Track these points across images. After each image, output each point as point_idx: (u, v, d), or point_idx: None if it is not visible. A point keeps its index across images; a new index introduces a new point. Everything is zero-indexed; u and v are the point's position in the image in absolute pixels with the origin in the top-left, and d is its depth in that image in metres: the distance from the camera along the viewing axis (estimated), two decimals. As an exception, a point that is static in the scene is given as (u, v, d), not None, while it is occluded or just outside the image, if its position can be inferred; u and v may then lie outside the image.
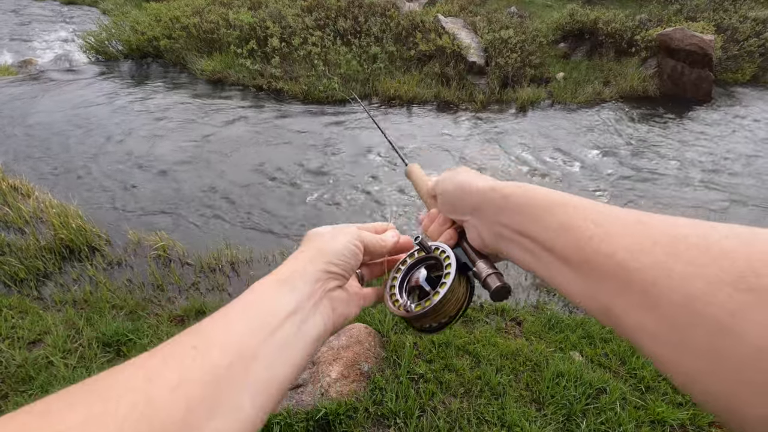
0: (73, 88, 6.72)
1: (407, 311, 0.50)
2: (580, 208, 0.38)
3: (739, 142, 6.06)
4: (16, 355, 2.48)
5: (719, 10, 8.67)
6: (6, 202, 3.82)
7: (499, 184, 0.48)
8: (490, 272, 0.49)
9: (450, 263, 0.51)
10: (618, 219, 0.35)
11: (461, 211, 0.52)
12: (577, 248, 0.36)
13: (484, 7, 9.66)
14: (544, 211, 0.41)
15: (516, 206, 0.44)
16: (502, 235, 0.46)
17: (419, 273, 0.54)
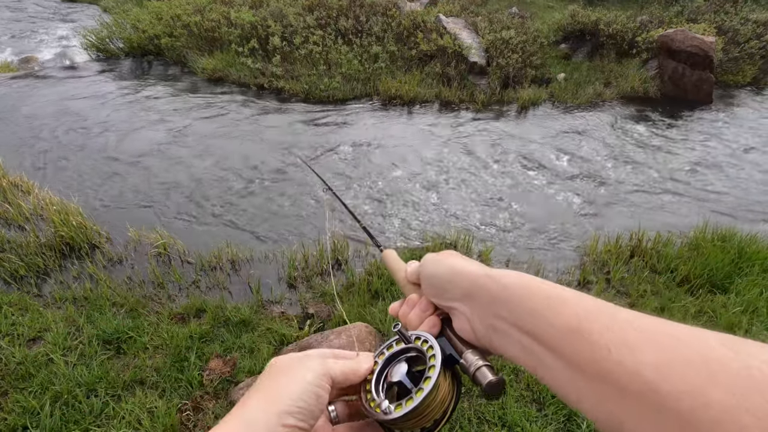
0: (73, 85, 6.71)
1: (385, 413, 0.43)
2: (593, 311, 0.35)
3: (740, 144, 6.06)
4: (16, 353, 2.48)
5: (720, 12, 8.68)
6: (6, 199, 3.81)
7: (496, 271, 0.44)
8: (480, 364, 0.43)
9: (434, 354, 0.45)
10: (638, 328, 0.32)
11: (450, 296, 0.47)
12: (592, 359, 0.32)
13: (486, 7, 9.67)
14: (549, 308, 0.37)
15: (516, 298, 0.40)
16: (496, 328, 0.41)
17: (398, 367, 0.47)
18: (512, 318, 0.39)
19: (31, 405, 2.19)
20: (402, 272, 0.61)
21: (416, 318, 0.52)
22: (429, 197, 4.56)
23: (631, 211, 4.53)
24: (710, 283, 3.32)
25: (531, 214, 4.42)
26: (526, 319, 0.38)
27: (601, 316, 0.34)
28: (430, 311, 0.51)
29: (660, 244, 3.71)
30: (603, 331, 0.33)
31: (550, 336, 0.36)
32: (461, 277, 0.46)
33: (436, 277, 0.50)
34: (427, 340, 0.47)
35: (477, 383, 0.42)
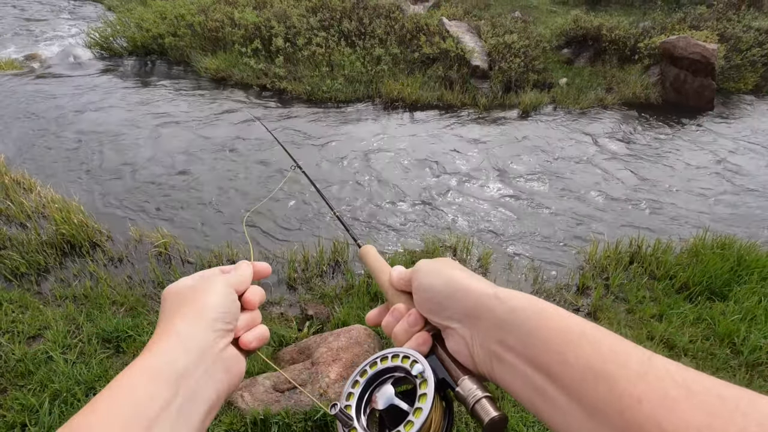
0: (77, 83, 6.73)
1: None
2: (620, 351, 0.31)
3: (741, 152, 6.07)
4: (16, 350, 2.49)
5: (723, 19, 8.69)
6: (8, 196, 3.83)
7: (503, 291, 0.39)
8: (480, 395, 0.38)
9: (426, 380, 0.40)
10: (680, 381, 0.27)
11: (448, 314, 0.43)
12: (619, 409, 0.28)
13: (489, 11, 9.69)
14: (567, 342, 0.33)
15: (527, 326, 0.35)
16: (500, 358, 0.37)
17: (383, 391, 0.42)
18: (521, 348, 0.35)
19: (30, 402, 2.20)
20: (385, 275, 0.56)
21: (403, 332, 0.47)
22: (428, 200, 4.57)
23: (631, 217, 4.54)
24: (709, 290, 3.32)
25: (530, 219, 4.43)
26: (538, 353, 0.34)
27: (632, 360, 0.30)
28: (419, 326, 0.46)
29: (659, 251, 3.72)
30: (634, 378, 0.28)
31: (566, 376, 0.31)
32: (463, 294, 0.41)
33: (433, 291, 0.44)
34: (417, 361, 0.42)
35: (476, 417, 0.38)
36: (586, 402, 0.30)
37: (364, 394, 0.44)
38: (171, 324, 0.42)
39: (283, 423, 2.08)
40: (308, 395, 2.19)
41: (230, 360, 0.45)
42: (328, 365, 2.37)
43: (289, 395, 2.28)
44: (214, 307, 0.45)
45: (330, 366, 2.37)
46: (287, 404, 2.20)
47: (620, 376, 0.29)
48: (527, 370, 0.34)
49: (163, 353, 0.39)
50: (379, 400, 0.42)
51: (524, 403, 0.36)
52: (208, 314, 0.44)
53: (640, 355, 0.30)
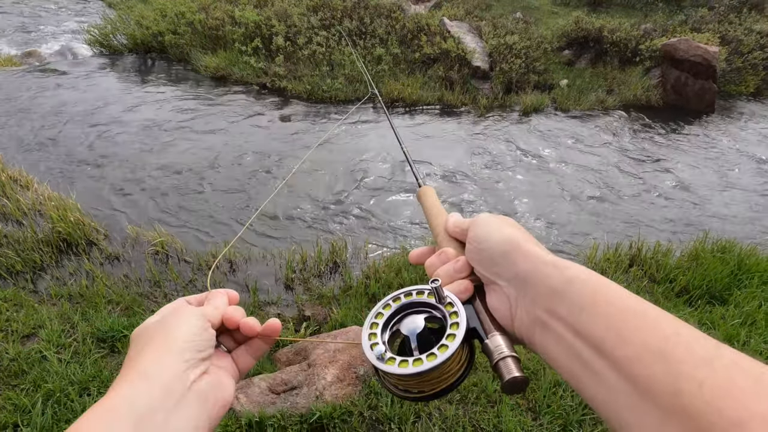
0: (75, 80, 6.70)
1: (378, 358, 0.41)
2: (685, 334, 0.29)
3: (742, 154, 6.05)
4: (10, 349, 2.46)
5: (724, 22, 8.68)
6: (5, 193, 3.80)
7: (561, 261, 0.38)
8: (506, 353, 0.38)
9: (458, 323, 0.41)
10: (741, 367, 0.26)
11: (499, 270, 0.42)
12: (674, 391, 0.26)
13: (490, 11, 9.67)
14: (624, 319, 0.31)
15: (582, 298, 0.34)
16: (545, 325, 0.36)
17: (414, 321, 0.44)
18: (571, 319, 0.34)
19: (23, 403, 2.17)
20: (440, 218, 0.56)
21: (446, 275, 0.47)
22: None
23: (632, 220, 4.52)
24: (709, 294, 3.31)
25: (529, 220, 4.41)
26: (590, 326, 0.33)
27: (697, 345, 0.28)
28: (464, 274, 0.46)
29: (659, 254, 3.70)
30: (698, 363, 0.27)
31: (619, 352, 0.30)
32: (520, 255, 0.40)
33: (489, 244, 0.44)
34: (453, 303, 0.43)
35: (498, 373, 0.38)
36: (638, 381, 0.28)
37: (393, 318, 0.45)
38: (134, 362, 0.41)
39: (279, 425, 2.06)
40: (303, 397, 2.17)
41: (208, 390, 0.42)
42: (324, 367, 2.35)
43: (284, 397, 2.26)
44: (182, 337, 0.43)
45: (327, 368, 2.35)
46: (283, 406, 2.18)
47: (681, 359, 0.27)
48: (575, 342, 0.33)
49: (123, 394, 0.38)
50: (406, 326, 0.43)
51: (563, 373, 0.35)
52: (175, 345, 0.42)
53: (706, 341, 0.29)
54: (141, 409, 0.37)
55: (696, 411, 0.25)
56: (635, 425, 0.28)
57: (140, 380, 0.39)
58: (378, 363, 0.41)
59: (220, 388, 0.44)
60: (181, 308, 0.47)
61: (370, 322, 0.45)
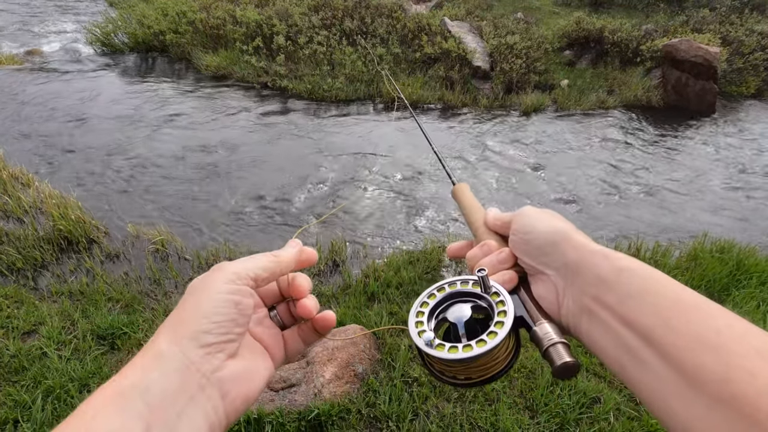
0: (77, 79, 6.72)
1: (427, 344, 0.41)
2: (737, 326, 0.29)
3: (741, 155, 6.05)
4: (10, 345, 2.48)
5: (725, 22, 8.68)
6: (6, 191, 3.82)
7: (611, 251, 0.39)
8: (556, 340, 0.39)
9: (506, 311, 0.41)
10: None
11: (547, 260, 0.42)
12: (724, 379, 0.27)
13: (491, 11, 9.68)
14: (677, 311, 0.31)
15: (632, 288, 0.34)
16: (593, 313, 0.37)
17: (460, 309, 0.44)
18: (619, 308, 0.34)
19: (23, 399, 2.19)
20: (479, 213, 0.57)
21: (490, 266, 0.47)
22: (426, 200, 4.56)
23: (630, 220, 4.53)
24: (708, 294, 3.29)
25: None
26: (639, 315, 0.33)
27: (750, 337, 0.28)
28: (509, 264, 0.47)
29: (658, 254, 3.70)
30: (751, 355, 0.27)
31: (669, 342, 0.30)
32: (569, 245, 0.41)
33: (536, 234, 0.44)
34: (499, 292, 0.44)
35: (548, 359, 0.39)
36: (686, 370, 0.29)
37: (438, 306, 0.46)
38: (155, 340, 0.35)
39: (277, 422, 2.07)
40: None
41: (230, 382, 0.36)
42: (323, 365, 2.36)
43: (283, 394, 2.27)
44: (203, 316, 0.36)
45: (325, 366, 2.36)
46: (281, 403, 2.19)
47: (733, 351, 0.27)
48: (622, 330, 0.34)
49: (136, 377, 0.33)
50: (453, 314, 0.44)
51: (609, 362, 0.35)
52: (191, 326, 0.35)
53: (761, 335, 0.28)
54: (154, 399, 0.32)
55: (749, 402, 0.25)
56: (682, 413, 0.29)
57: (155, 363, 0.34)
58: (427, 349, 0.41)
59: (246, 378, 0.38)
60: (213, 274, 0.40)
61: (416, 311, 0.46)
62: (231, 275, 0.39)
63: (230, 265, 0.40)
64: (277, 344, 0.43)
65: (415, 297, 2.91)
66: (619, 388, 2.43)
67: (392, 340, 2.60)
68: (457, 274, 3.52)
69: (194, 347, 0.35)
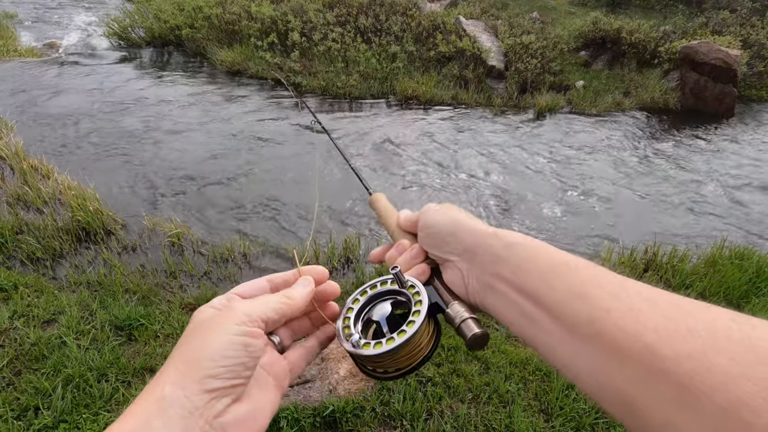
0: (94, 71, 6.80)
1: (353, 346, 0.43)
2: (598, 276, 0.34)
3: (760, 160, 5.94)
4: (31, 334, 2.52)
5: (746, 25, 8.51)
6: (26, 182, 3.88)
7: (501, 231, 0.43)
8: (466, 316, 0.42)
9: (421, 301, 0.45)
10: (647, 297, 0.31)
11: (449, 249, 0.46)
12: (589, 319, 0.31)
13: (506, 11, 9.60)
14: (553, 271, 0.36)
15: (520, 259, 0.39)
16: (493, 288, 0.41)
17: (382, 307, 0.48)
18: (513, 279, 0.39)
19: (44, 386, 2.22)
20: (393, 218, 0.61)
21: (405, 263, 0.51)
22: (438, 192, 4.55)
23: (647, 225, 4.47)
24: (726, 301, 3.26)
25: (543, 222, 4.38)
26: (527, 281, 0.37)
27: (607, 282, 0.33)
28: (420, 258, 0.51)
29: (675, 259, 3.65)
30: (606, 297, 0.32)
31: (551, 299, 0.35)
32: (465, 232, 0.45)
33: (437, 227, 0.48)
34: (414, 285, 0.47)
35: (461, 334, 0.42)
36: (565, 320, 0.33)
37: (363, 309, 0.49)
38: (158, 379, 0.34)
39: (292, 418, 2.08)
40: (318, 391, 2.19)
41: (234, 425, 0.35)
42: (338, 361, 2.37)
43: (298, 390, 2.28)
44: (210, 359, 0.35)
45: (339, 362, 2.37)
46: (296, 399, 2.20)
47: (595, 295, 0.32)
48: (517, 298, 0.38)
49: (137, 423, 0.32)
50: (377, 313, 0.48)
51: (513, 327, 0.39)
52: (198, 370, 0.34)
53: (614, 278, 0.34)
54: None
55: (605, 330, 0.30)
56: (566, 356, 0.33)
57: (158, 410, 0.33)
58: (353, 349, 0.43)
59: (251, 419, 0.37)
60: (222, 313, 0.39)
61: (342, 317, 0.48)
62: (242, 316, 0.39)
63: (241, 305, 0.41)
64: (283, 371, 0.43)
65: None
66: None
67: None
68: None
69: (199, 392, 0.34)
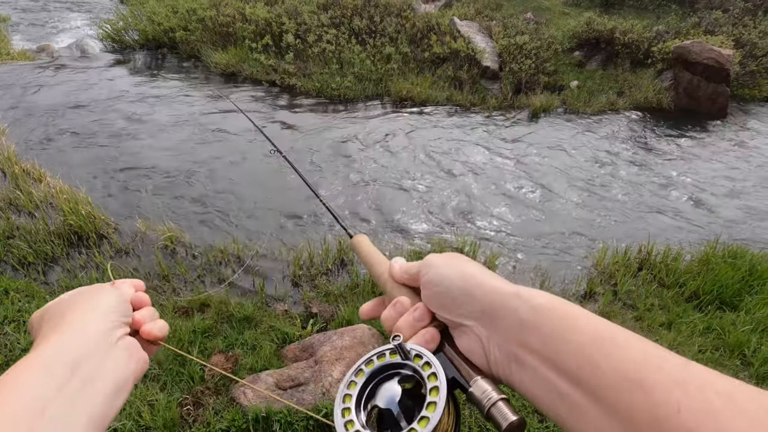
0: (88, 75, 6.77)
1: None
2: (653, 355, 0.29)
3: (753, 159, 5.98)
4: (21, 339, 2.50)
5: (739, 24, 8.57)
6: (18, 186, 3.85)
7: (525, 290, 0.37)
8: (495, 398, 0.35)
9: (435, 374, 0.37)
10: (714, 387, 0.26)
11: (463, 312, 0.39)
12: (654, 418, 0.26)
13: (500, 11, 9.62)
14: (596, 346, 0.31)
15: (552, 327, 0.33)
16: (521, 361, 0.34)
17: (389, 389, 0.39)
18: (544, 351, 0.33)
19: (34, 392, 2.20)
20: (382, 266, 0.53)
21: (408, 327, 0.43)
22: (433, 201, 4.55)
23: (640, 224, 4.48)
24: (719, 299, 3.27)
25: (537, 222, 4.39)
26: (564, 357, 0.32)
27: (668, 366, 0.28)
28: (426, 321, 0.43)
29: (669, 258, 3.67)
30: (672, 386, 0.27)
31: (597, 383, 0.29)
32: (482, 291, 0.38)
33: (447, 285, 0.41)
34: (422, 355, 0.39)
35: (492, 421, 0.35)
36: (619, 411, 0.28)
37: (363, 393, 0.40)
38: (62, 320, 0.44)
39: (285, 421, 2.07)
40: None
41: (131, 347, 0.46)
42: (331, 364, 2.35)
43: (291, 393, 2.27)
44: (107, 301, 0.48)
45: (333, 365, 2.36)
46: (289, 402, 2.19)
47: (657, 384, 0.27)
48: (550, 375, 0.32)
49: (54, 342, 0.41)
50: (382, 398, 0.39)
51: (545, 410, 0.33)
52: (99, 308, 0.46)
53: (676, 361, 0.29)
54: (76, 354, 0.40)
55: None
56: None
57: (70, 332, 0.42)
58: None
59: (138, 348, 0.48)
60: (98, 286, 0.52)
61: (340, 408, 0.39)
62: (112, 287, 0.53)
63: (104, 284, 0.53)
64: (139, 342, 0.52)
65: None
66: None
67: (400, 340, 2.59)
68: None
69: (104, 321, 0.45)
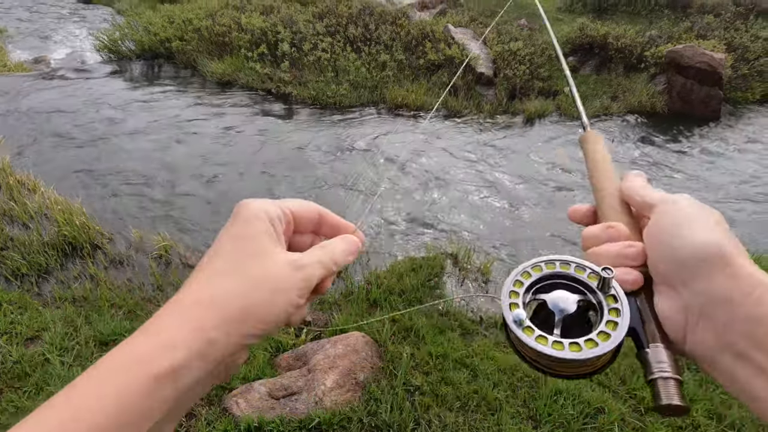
0: (84, 85, 6.80)
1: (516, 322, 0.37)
2: None
3: (745, 162, 6.01)
4: (13, 351, 2.49)
5: (730, 28, 8.64)
6: (12, 196, 3.85)
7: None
8: (669, 374, 0.34)
9: (617, 323, 0.36)
10: None
11: (687, 280, 0.34)
12: None
13: (494, 18, 9.70)
14: None
15: None
16: (744, 356, 0.31)
17: (564, 299, 0.38)
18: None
19: (25, 405, 2.19)
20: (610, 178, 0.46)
21: (611, 257, 0.39)
22: (429, 207, 4.55)
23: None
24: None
25: (533, 227, 4.39)
26: None
27: None
28: (637, 263, 0.38)
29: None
30: None
31: None
32: (723, 272, 0.33)
33: (684, 243, 0.35)
34: (617, 296, 0.37)
35: (653, 391, 0.34)
36: None
37: (541, 281, 0.40)
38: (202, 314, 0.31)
39: (278, 431, 2.06)
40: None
41: (231, 367, 0.34)
42: (324, 372, 2.35)
43: (284, 402, 2.26)
44: (262, 321, 0.33)
45: (326, 373, 2.35)
46: (282, 411, 2.18)
47: None
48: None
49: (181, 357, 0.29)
50: (553, 300, 0.38)
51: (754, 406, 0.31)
52: (250, 326, 0.32)
53: None
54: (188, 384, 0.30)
55: None
56: None
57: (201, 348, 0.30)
58: (514, 327, 0.37)
59: (239, 361, 0.35)
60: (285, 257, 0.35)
61: (514, 279, 0.40)
62: (301, 283, 0.35)
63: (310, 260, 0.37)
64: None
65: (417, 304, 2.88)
66: (624, 399, 2.40)
67: (394, 348, 2.59)
68: (460, 282, 3.51)
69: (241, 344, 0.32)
